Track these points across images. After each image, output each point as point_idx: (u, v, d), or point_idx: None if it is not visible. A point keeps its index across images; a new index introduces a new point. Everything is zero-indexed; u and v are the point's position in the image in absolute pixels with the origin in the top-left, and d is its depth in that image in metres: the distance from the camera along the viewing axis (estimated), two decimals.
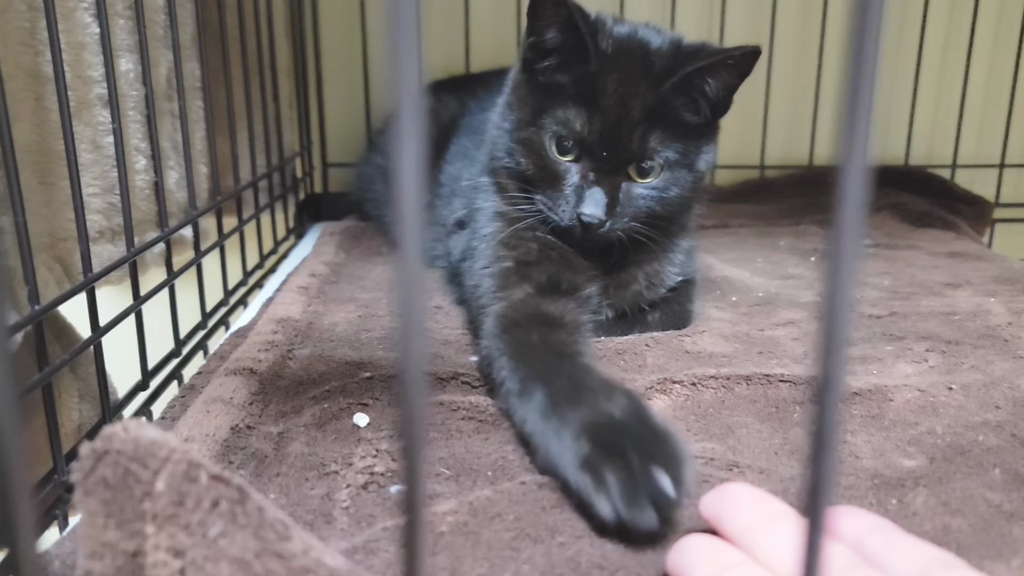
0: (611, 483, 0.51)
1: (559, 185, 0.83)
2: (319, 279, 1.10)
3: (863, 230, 0.20)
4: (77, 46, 0.73)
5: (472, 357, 0.81)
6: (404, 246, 0.22)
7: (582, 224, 0.81)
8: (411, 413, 0.23)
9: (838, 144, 0.20)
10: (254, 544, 0.39)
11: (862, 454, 0.64)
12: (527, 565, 0.49)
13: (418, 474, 0.23)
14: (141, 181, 0.84)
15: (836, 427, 0.22)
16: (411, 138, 0.20)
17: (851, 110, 0.20)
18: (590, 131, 0.80)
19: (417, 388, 0.22)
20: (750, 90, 1.64)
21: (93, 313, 0.71)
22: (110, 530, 0.40)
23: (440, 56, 1.59)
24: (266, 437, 0.65)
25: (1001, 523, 0.54)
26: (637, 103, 0.80)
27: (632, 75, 0.80)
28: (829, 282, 0.20)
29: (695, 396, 0.74)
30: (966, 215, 1.53)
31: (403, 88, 0.20)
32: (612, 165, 0.81)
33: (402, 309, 0.22)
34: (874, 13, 0.19)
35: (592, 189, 0.81)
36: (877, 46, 0.19)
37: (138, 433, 0.41)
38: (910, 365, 0.80)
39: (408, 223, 0.21)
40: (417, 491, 0.22)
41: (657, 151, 0.81)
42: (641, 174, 0.82)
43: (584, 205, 0.80)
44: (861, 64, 0.20)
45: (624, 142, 0.80)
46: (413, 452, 0.23)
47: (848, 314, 0.21)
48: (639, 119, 0.80)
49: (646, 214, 0.84)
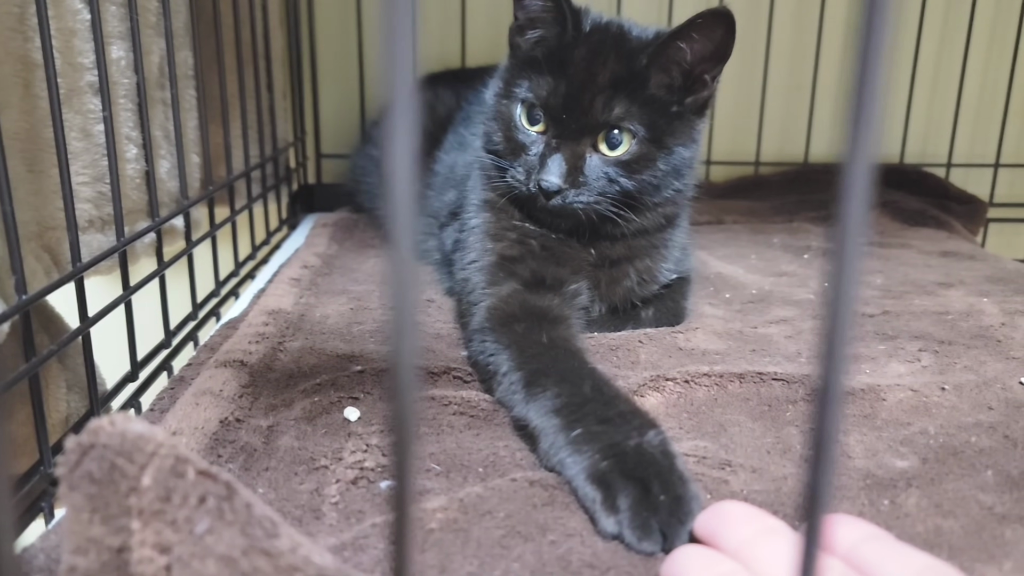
0: (622, 505, 0.52)
1: (523, 155, 0.83)
2: (311, 271, 1.09)
3: (867, 230, 0.19)
4: (67, 32, 0.72)
5: (463, 351, 0.81)
6: (395, 239, 0.21)
7: (542, 191, 0.80)
8: (403, 409, 0.23)
9: (843, 141, 0.19)
10: (241, 541, 0.38)
11: (854, 454, 0.63)
12: (517, 563, 0.49)
13: (408, 469, 0.23)
14: (132, 170, 0.84)
15: (837, 431, 0.22)
16: (403, 132, 0.19)
17: (857, 107, 0.19)
18: (554, 96, 0.80)
19: (409, 385, 0.21)
20: (746, 87, 1.64)
21: (82, 303, 0.70)
22: (95, 525, 0.39)
23: (436, 50, 1.58)
24: (256, 431, 0.65)
25: (993, 525, 0.54)
26: (604, 71, 0.80)
27: (604, 49, 0.81)
28: (832, 283, 0.20)
29: (688, 394, 0.73)
30: (960, 214, 1.53)
31: (397, 80, 0.20)
32: (573, 131, 0.80)
33: (394, 304, 0.21)
34: (882, 10, 0.19)
35: (553, 156, 0.81)
36: (885, 42, 0.19)
37: (125, 427, 0.41)
38: (903, 365, 0.80)
39: (400, 217, 0.21)
40: (407, 486, 0.22)
41: (623, 120, 0.80)
42: (610, 146, 0.81)
43: (544, 171, 0.80)
44: (868, 61, 0.19)
45: (586, 107, 0.80)
46: (404, 448, 0.23)
47: (852, 316, 0.20)
48: (604, 86, 0.79)
49: (616, 191, 0.82)
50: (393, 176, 0.20)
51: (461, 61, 1.58)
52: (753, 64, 1.63)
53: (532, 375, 0.66)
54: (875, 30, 0.19)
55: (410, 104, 0.20)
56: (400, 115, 0.19)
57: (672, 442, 0.58)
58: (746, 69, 1.63)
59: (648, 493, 0.52)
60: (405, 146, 0.19)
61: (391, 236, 0.21)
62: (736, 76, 1.64)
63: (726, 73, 0.83)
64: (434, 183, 1.09)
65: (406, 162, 0.20)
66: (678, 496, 0.52)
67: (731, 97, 1.65)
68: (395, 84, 0.20)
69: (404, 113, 0.20)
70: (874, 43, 0.19)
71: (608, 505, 0.53)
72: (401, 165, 0.20)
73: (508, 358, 0.70)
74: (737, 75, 1.64)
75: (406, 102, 0.20)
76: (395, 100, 0.20)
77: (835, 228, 0.20)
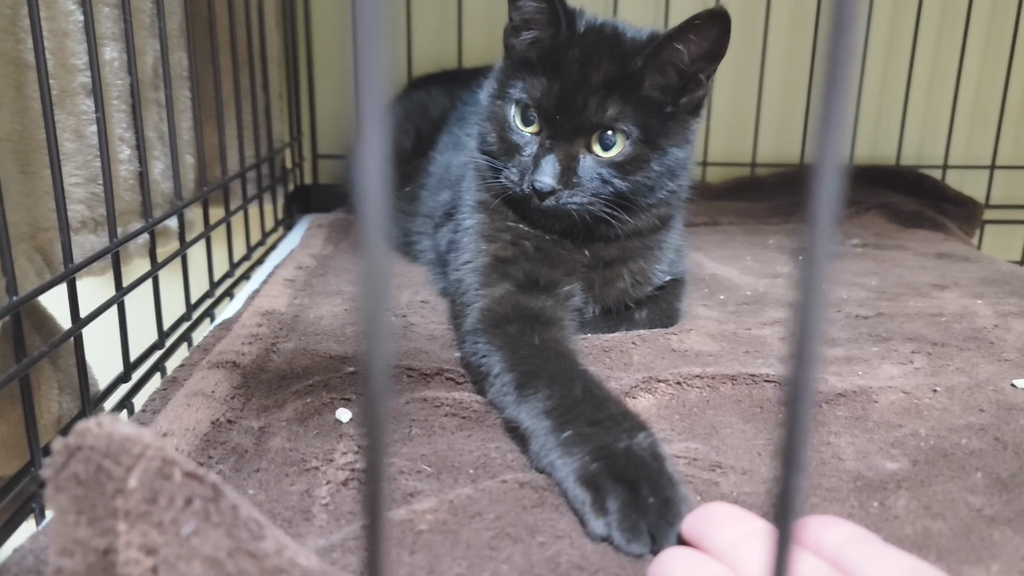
0: (611, 507, 0.52)
1: (517, 156, 0.84)
2: (306, 272, 1.09)
3: (837, 230, 0.19)
4: (60, 34, 0.72)
5: (456, 353, 0.81)
6: (369, 240, 0.21)
7: (536, 192, 0.80)
8: (375, 414, 0.23)
9: (814, 143, 0.20)
10: (227, 543, 0.38)
11: (845, 456, 0.63)
12: (506, 565, 0.49)
13: (381, 470, 0.23)
14: (125, 171, 0.84)
15: (808, 430, 0.22)
16: (375, 136, 0.19)
17: (826, 110, 0.19)
18: (548, 97, 0.80)
19: (382, 387, 0.21)
20: (742, 88, 1.64)
21: (73, 304, 0.70)
22: (81, 527, 0.39)
23: (434, 51, 1.58)
24: (247, 432, 0.65)
25: (982, 527, 0.54)
26: (598, 72, 0.80)
27: (599, 50, 0.81)
28: (802, 284, 0.20)
29: (680, 395, 0.74)
30: (956, 216, 1.53)
31: (368, 86, 0.20)
32: (567, 132, 0.81)
33: (367, 304, 0.21)
34: (851, 14, 0.19)
35: (547, 157, 0.81)
36: (854, 47, 0.19)
37: (112, 429, 0.41)
38: (895, 366, 0.80)
39: (372, 220, 0.21)
40: (380, 488, 0.22)
41: (617, 121, 0.80)
42: (604, 147, 0.81)
43: (538, 172, 0.80)
44: (837, 65, 0.19)
45: (580, 108, 0.80)
46: (377, 446, 0.23)
47: (822, 315, 0.20)
48: (598, 87, 0.80)
49: (610, 193, 0.82)
50: (366, 179, 0.20)
51: (458, 62, 1.58)
52: (749, 65, 1.63)
53: (524, 377, 0.66)
54: (843, 34, 0.19)
55: (382, 108, 0.20)
56: (370, 120, 0.19)
57: (662, 444, 0.58)
58: (742, 70, 1.63)
59: (637, 495, 0.52)
60: (377, 150, 0.20)
61: (364, 238, 0.21)
62: (732, 77, 1.64)
63: (722, 75, 0.84)
64: (428, 184, 1.09)
65: (379, 166, 0.20)
66: (667, 498, 0.52)
67: (727, 98, 1.65)
68: (366, 91, 0.20)
69: (374, 119, 0.20)
70: (842, 47, 0.19)
71: (597, 507, 0.53)
72: (373, 168, 0.20)
73: (500, 359, 0.70)
74: (733, 76, 1.64)
75: (377, 107, 0.20)
76: (365, 105, 0.20)
77: (805, 230, 0.20)
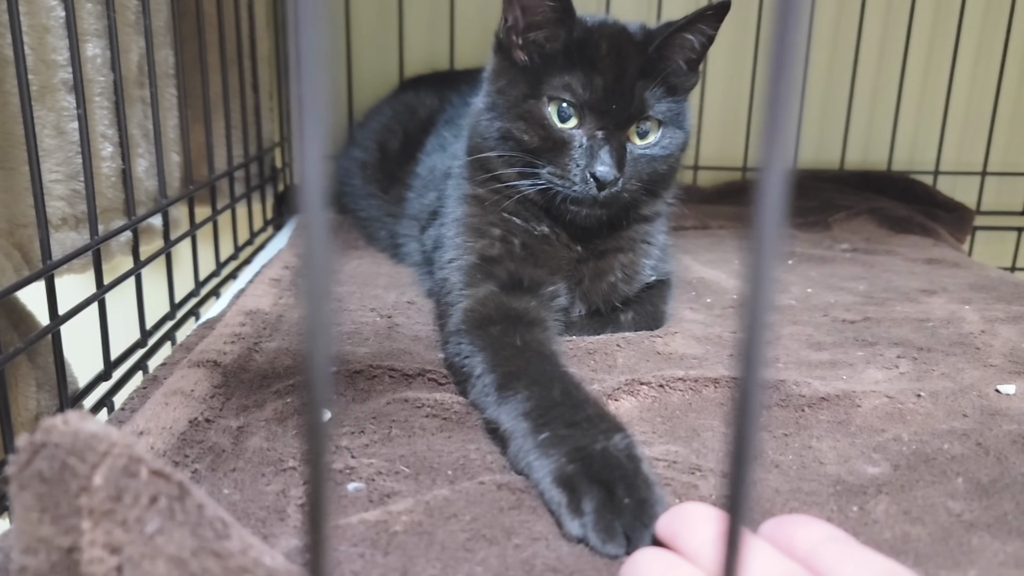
0: (587, 508, 0.52)
1: (566, 151, 0.82)
2: (292, 271, 1.09)
3: (784, 234, 0.19)
4: (41, 29, 0.72)
5: (440, 354, 0.81)
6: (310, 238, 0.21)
7: (597, 182, 0.80)
8: (311, 422, 0.22)
9: (759, 148, 0.19)
10: (191, 542, 0.38)
11: (826, 460, 0.63)
12: (480, 567, 0.49)
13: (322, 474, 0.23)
14: (107, 168, 0.83)
15: (757, 431, 0.21)
16: (314, 138, 0.19)
17: (771, 116, 0.19)
18: (592, 91, 0.81)
19: (322, 388, 0.21)
20: (733, 92, 1.64)
21: (52, 301, 0.69)
22: (45, 525, 0.39)
23: (424, 52, 1.58)
24: (225, 431, 0.64)
25: (960, 533, 0.54)
26: (631, 63, 0.82)
27: (620, 43, 0.82)
28: (750, 283, 0.20)
29: (662, 398, 0.73)
30: (947, 222, 1.53)
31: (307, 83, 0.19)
32: (617, 122, 0.82)
33: (309, 305, 0.21)
34: (795, 20, 0.19)
35: (603, 147, 0.81)
36: (796, 47, 0.19)
37: (78, 426, 0.40)
38: (880, 371, 0.80)
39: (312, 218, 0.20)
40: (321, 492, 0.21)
41: (654, 108, 0.83)
42: (641, 135, 0.84)
43: (597, 163, 0.80)
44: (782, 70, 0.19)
45: (628, 97, 0.81)
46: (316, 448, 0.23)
47: (768, 317, 0.20)
48: (634, 78, 0.81)
49: (647, 175, 0.85)
50: (305, 179, 0.20)
51: (450, 63, 1.58)
52: (741, 69, 1.63)
53: (505, 378, 0.66)
54: (787, 40, 0.19)
55: (320, 111, 0.19)
56: (309, 121, 0.19)
57: (639, 445, 0.57)
58: (733, 75, 1.63)
59: (613, 496, 0.52)
60: (316, 151, 0.19)
61: (306, 235, 0.21)
62: (724, 81, 1.64)
63: (713, 79, 0.85)
64: (415, 185, 1.09)
65: (317, 167, 0.20)
66: (642, 499, 0.52)
67: (719, 102, 1.65)
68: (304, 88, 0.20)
69: (314, 119, 0.19)
70: (785, 47, 0.19)
71: (573, 508, 0.52)
72: (312, 169, 0.20)
73: (482, 360, 0.70)
74: (725, 80, 1.64)
75: (316, 106, 0.19)
76: (304, 105, 0.19)
77: (752, 234, 0.19)
